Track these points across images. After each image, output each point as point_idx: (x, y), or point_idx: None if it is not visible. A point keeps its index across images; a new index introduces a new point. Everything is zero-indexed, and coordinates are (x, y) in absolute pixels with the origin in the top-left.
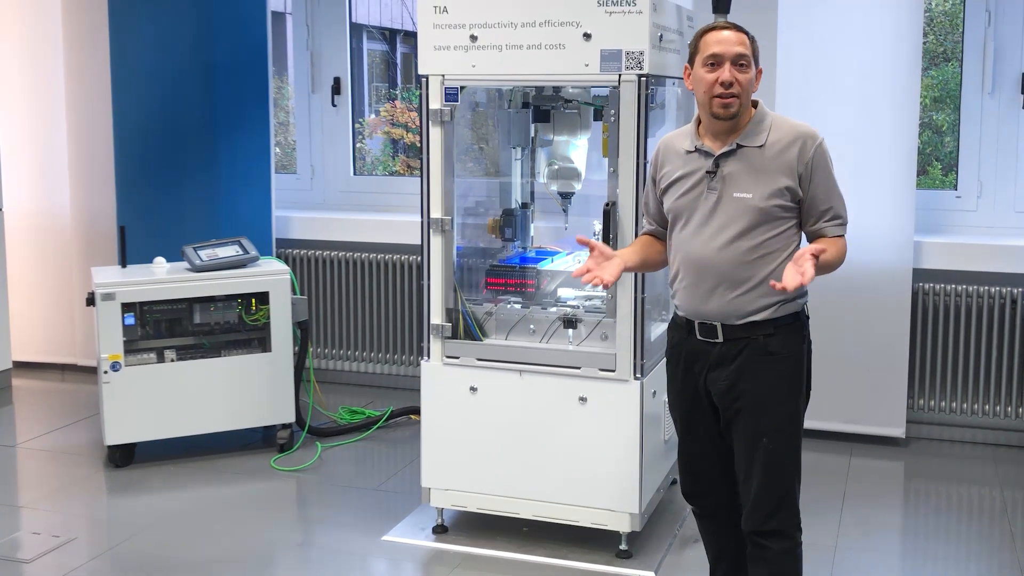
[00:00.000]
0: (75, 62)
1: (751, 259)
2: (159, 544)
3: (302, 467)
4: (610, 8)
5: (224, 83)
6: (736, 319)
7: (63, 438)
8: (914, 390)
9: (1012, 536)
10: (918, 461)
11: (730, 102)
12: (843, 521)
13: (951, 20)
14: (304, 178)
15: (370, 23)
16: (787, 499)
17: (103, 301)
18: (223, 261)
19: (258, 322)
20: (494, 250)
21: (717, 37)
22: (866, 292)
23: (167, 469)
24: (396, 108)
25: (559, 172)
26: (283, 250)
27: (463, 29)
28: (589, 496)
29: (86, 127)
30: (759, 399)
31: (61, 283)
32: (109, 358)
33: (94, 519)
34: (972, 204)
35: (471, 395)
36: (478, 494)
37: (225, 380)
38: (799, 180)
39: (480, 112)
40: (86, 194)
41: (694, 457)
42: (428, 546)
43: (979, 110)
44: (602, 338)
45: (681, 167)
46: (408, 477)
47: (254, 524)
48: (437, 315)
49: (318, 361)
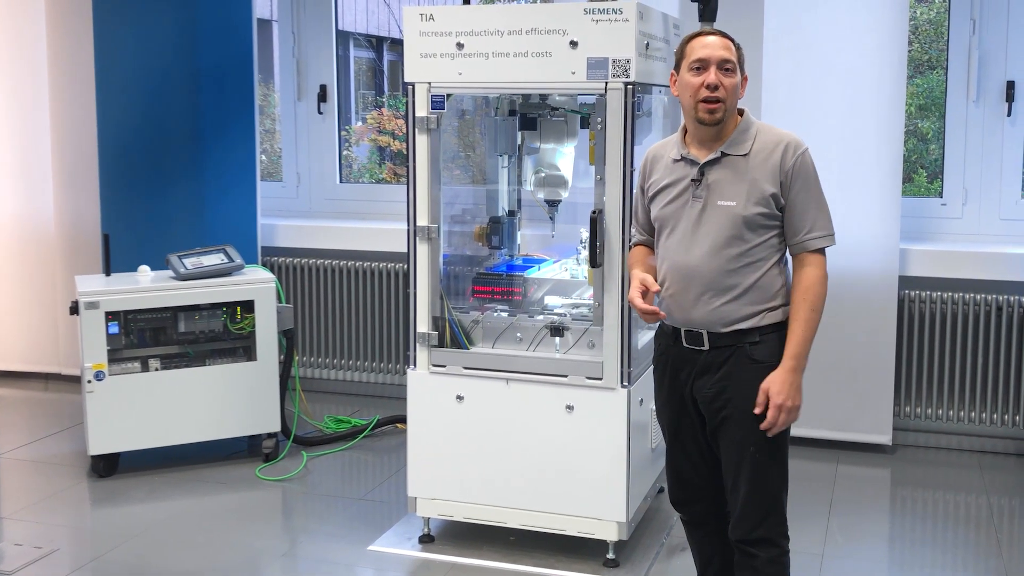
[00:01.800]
0: (59, 69)
1: (736, 267)
2: (143, 555)
3: (287, 477)
4: (596, 16)
5: (209, 90)
6: (722, 327)
7: (46, 448)
8: (900, 397)
9: (998, 543)
10: (905, 468)
11: (715, 107)
12: (830, 528)
13: (936, 28)
14: (290, 186)
15: (356, 30)
16: (774, 507)
17: (87, 310)
18: (208, 269)
19: (243, 331)
20: (481, 258)
21: (703, 42)
22: (852, 299)
23: (151, 479)
24: (383, 115)
25: (546, 180)
26: (268, 258)
27: (449, 37)
28: (576, 505)
29: (70, 134)
30: (745, 407)
31: (44, 291)
32: (93, 367)
33: (77, 530)
34: (957, 211)
35: (458, 404)
36: (465, 503)
37: (210, 389)
38: (781, 188)
39: (467, 120)
40: (70, 202)
41: (681, 465)
42: (414, 556)
43: (964, 118)
44: (589, 346)
45: (667, 176)
46: (394, 486)
47: (239, 534)
48: (423, 323)
49: (304, 370)
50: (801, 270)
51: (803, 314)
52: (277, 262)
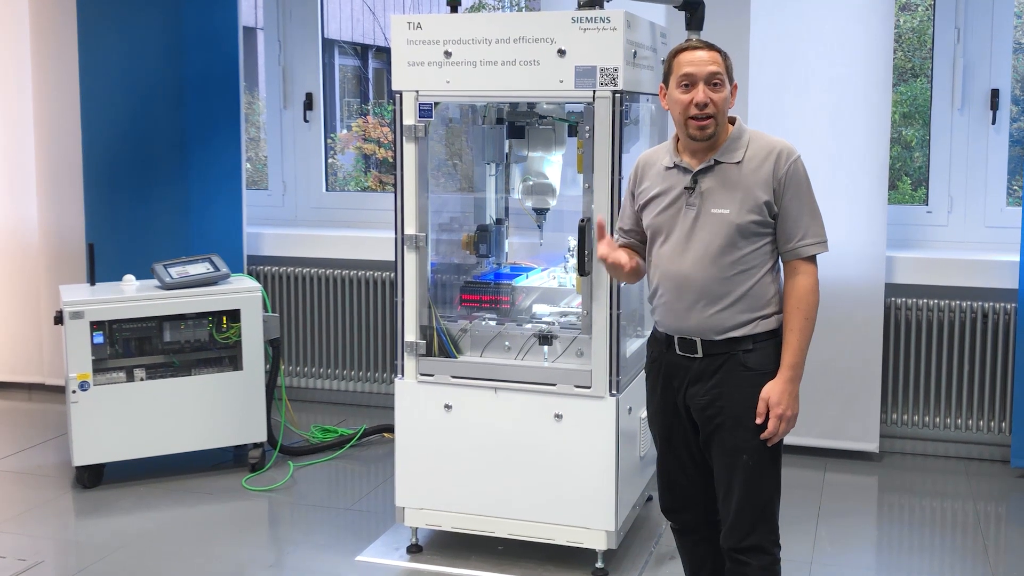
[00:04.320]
0: (43, 77)
1: (730, 275)
2: (128, 566)
3: (274, 487)
4: (584, 25)
5: (195, 98)
6: (715, 335)
7: (30, 459)
8: (887, 404)
9: (985, 549)
10: (892, 475)
11: (706, 124)
12: (818, 536)
13: (919, 36)
14: (276, 194)
15: (342, 38)
16: (766, 515)
17: (71, 319)
18: (193, 278)
19: (229, 340)
20: (469, 266)
21: (690, 58)
22: (839, 307)
23: (136, 490)
24: (368, 123)
25: (534, 188)
26: (254, 267)
27: (437, 45)
28: (565, 514)
29: (55, 143)
30: (738, 415)
31: (29, 301)
32: (77, 377)
33: (62, 541)
34: (943, 219)
35: (446, 413)
36: (453, 513)
37: (196, 399)
38: (774, 195)
39: (454, 128)
40: (54, 211)
41: (673, 473)
42: (402, 566)
43: (949, 126)
44: (577, 354)
45: (660, 183)
46: (382, 496)
47: (225, 545)
48: (411, 332)
49: (290, 379)
50: (794, 279)
51: (798, 323)
52: (263, 271)
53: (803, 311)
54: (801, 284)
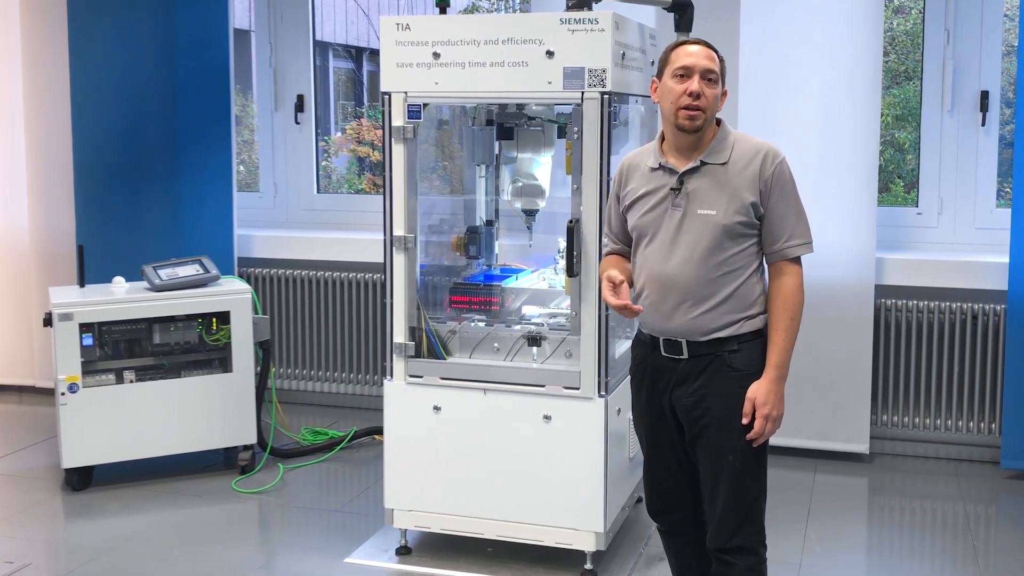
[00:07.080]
0: (34, 79)
1: (716, 276)
2: (118, 569)
3: (264, 489)
4: (573, 26)
5: (186, 100)
6: (701, 336)
7: (19, 461)
8: (877, 406)
9: (975, 550)
10: (882, 477)
11: (696, 114)
12: (808, 537)
13: (912, 40)
14: (267, 196)
15: (336, 41)
16: (752, 516)
17: (61, 321)
18: (183, 280)
19: (219, 342)
20: (458, 268)
21: (688, 50)
22: (829, 309)
23: (126, 492)
24: (362, 126)
25: (523, 189)
26: (245, 269)
27: (426, 46)
28: (553, 515)
29: (45, 145)
30: (724, 416)
31: (18, 303)
32: (67, 379)
33: (51, 544)
34: (933, 221)
35: (435, 414)
36: (442, 515)
37: (185, 401)
38: (760, 196)
39: (444, 129)
40: (45, 212)
41: (659, 474)
42: (391, 568)
43: (939, 128)
44: (566, 356)
45: (645, 184)
46: (371, 498)
47: (215, 547)
48: (400, 334)
49: (280, 381)
50: (779, 279)
51: (783, 324)
52: (253, 273)
53: (789, 311)
54: (787, 285)
